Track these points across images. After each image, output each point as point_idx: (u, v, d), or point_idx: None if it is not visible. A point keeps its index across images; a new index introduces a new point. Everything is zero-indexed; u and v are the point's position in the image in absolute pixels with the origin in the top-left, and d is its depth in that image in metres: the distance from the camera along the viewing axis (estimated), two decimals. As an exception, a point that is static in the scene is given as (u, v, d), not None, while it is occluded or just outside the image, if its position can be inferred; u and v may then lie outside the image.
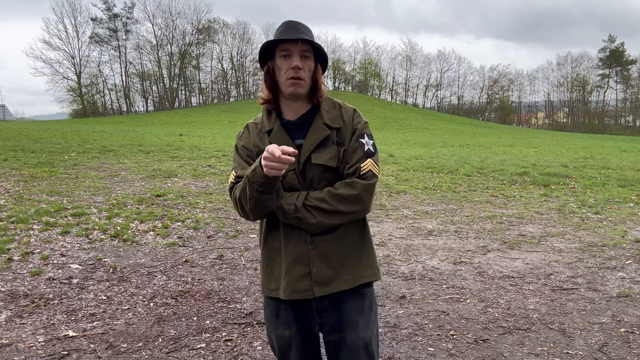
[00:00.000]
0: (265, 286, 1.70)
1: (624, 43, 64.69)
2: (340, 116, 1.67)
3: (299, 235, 1.60)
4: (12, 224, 5.65)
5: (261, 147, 1.64)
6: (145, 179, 9.11)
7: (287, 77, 1.57)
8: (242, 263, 4.75)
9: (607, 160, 14.98)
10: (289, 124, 1.66)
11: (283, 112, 1.68)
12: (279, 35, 1.59)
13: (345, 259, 1.64)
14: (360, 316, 1.66)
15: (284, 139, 1.63)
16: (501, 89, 70.45)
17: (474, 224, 6.58)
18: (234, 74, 67.19)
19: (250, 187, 1.51)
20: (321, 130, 1.63)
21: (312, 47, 1.60)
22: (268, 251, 1.70)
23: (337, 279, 1.62)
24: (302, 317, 1.67)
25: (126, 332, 3.24)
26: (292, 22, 1.62)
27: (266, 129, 1.66)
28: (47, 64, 65.49)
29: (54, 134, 18.12)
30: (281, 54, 1.59)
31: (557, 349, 3.10)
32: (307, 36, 1.59)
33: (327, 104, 1.69)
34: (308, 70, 1.60)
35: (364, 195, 1.60)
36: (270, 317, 1.72)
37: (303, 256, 1.60)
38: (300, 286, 1.60)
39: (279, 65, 1.60)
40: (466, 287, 4.20)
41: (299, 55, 1.57)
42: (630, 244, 5.59)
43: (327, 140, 1.63)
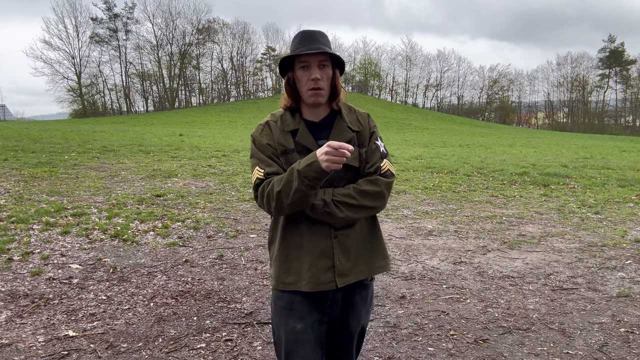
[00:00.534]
0: (280, 280, 1.75)
1: (624, 43, 64.73)
2: (357, 120, 1.81)
3: (322, 231, 1.70)
4: (12, 224, 5.65)
5: (286, 145, 1.72)
6: (145, 179, 9.11)
7: (308, 89, 1.68)
8: (242, 263, 4.75)
9: (607, 160, 14.99)
10: (312, 124, 1.76)
11: (304, 114, 1.78)
12: (296, 47, 1.68)
13: (362, 251, 1.77)
14: (364, 306, 1.84)
15: (309, 138, 1.73)
16: (501, 89, 70.46)
17: (474, 224, 6.58)
18: (234, 74, 67.20)
19: (301, 181, 1.58)
20: (346, 132, 1.75)
21: (329, 55, 1.69)
22: (286, 246, 1.75)
23: (354, 270, 1.74)
24: (316, 310, 1.75)
25: (126, 332, 3.24)
26: (307, 33, 1.71)
27: (290, 128, 1.74)
28: (47, 64, 65.56)
29: (54, 134, 18.13)
30: (300, 65, 1.68)
31: (557, 349, 3.10)
32: (323, 45, 1.68)
33: (344, 109, 1.81)
34: (327, 78, 1.70)
35: (385, 192, 1.75)
36: (282, 310, 1.76)
37: (327, 250, 1.70)
38: (324, 278, 1.70)
39: (299, 77, 1.70)
40: (466, 287, 4.20)
41: (317, 66, 1.67)
42: (630, 244, 5.59)
43: (350, 141, 1.73)
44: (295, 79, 1.72)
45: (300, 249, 1.72)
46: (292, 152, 1.72)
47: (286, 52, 2.02)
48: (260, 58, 68.44)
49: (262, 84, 70.51)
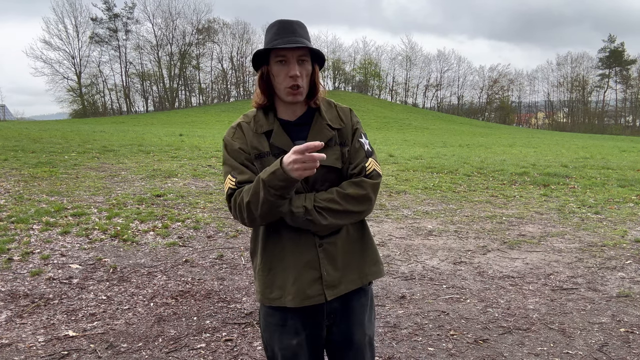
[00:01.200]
0: (265, 296, 1.63)
1: (624, 43, 64.78)
2: (339, 116, 1.66)
3: (306, 240, 1.56)
4: (12, 224, 5.65)
5: (260, 148, 1.58)
6: (145, 179, 9.11)
7: (286, 86, 1.53)
8: (242, 263, 4.75)
9: (607, 160, 14.99)
10: (288, 124, 1.61)
11: (279, 112, 1.63)
12: (272, 38, 1.52)
13: (350, 259, 1.63)
14: (365, 313, 1.70)
15: (285, 140, 1.58)
16: (501, 89, 70.52)
17: (474, 224, 6.58)
18: (233, 74, 67.24)
19: (266, 191, 1.44)
20: (325, 131, 1.60)
21: (309, 49, 1.54)
22: (268, 258, 1.62)
23: (344, 280, 1.61)
24: (311, 324, 1.63)
25: (126, 332, 3.24)
26: (285, 23, 1.53)
27: (264, 129, 1.59)
28: (47, 64, 65.69)
29: (54, 134, 18.13)
30: (277, 59, 1.52)
31: (557, 349, 3.10)
32: (303, 38, 1.53)
33: (323, 104, 1.66)
34: (306, 75, 1.55)
35: (372, 194, 1.60)
36: (274, 327, 1.65)
37: (313, 261, 1.57)
38: (312, 291, 1.56)
39: (275, 72, 1.54)
40: (466, 287, 4.20)
41: (296, 61, 1.52)
42: (630, 244, 5.59)
43: (331, 141, 1.60)
44: (270, 74, 1.55)
45: (283, 261, 1.59)
46: (267, 155, 1.58)
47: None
48: (260, 58, 68.36)
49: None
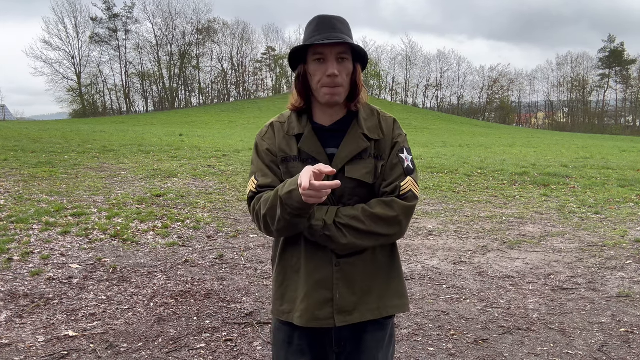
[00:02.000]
0: (276, 308, 1.53)
1: (623, 43, 64.77)
2: (379, 126, 1.50)
3: (323, 256, 1.44)
4: (12, 224, 5.65)
5: (287, 152, 1.48)
6: (145, 179, 9.11)
7: (322, 85, 1.40)
8: (242, 263, 4.75)
9: (607, 160, 14.99)
10: (321, 129, 1.48)
11: (315, 115, 1.50)
12: (311, 35, 1.40)
13: (372, 286, 1.47)
14: (380, 350, 1.53)
15: (315, 146, 1.46)
16: (501, 89, 70.50)
17: (474, 224, 6.58)
18: (233, 74, 67.25)
19: (283, 210, 1.34)
20: (359, 141, 1.46)
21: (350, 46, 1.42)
22: (282, 269, 1.51)
23: (360, 307, 1.46)
24: (318, 346, 1.51)
25: (126, 332, 3.24)
26: (324, 19, 1.42)
27: (295, 132, 1.48)
28: (47, 64, 65.70)
29: (54, 134, 18.13)
30: (314, 57, 1.40)
31: (557, 349, 3.10)
32: (344, 34, 1.40)
33: (365, 111, 1.51)
34: (346, 74, 1.42)
35: (402, 218, 1.43)
36: (281, 343, 1.55)
37: (326, 280, 1.44)
38: (321, 313, 1.43)
39: (312, 71, 1.42)
40: (466, 287, 4.20)
41: (335, 59, 1.39)
42: (630, 244, 5.59)
43: (365, 152, 1.46)
44: (308, 73, 1.44)
45: (297, 273, 1.47)
46: (293, 160, 1.46)
47: (297, 42, 1.75)
48: (260, 58, 68.56)
49: (262, 84, 70.53)
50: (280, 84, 70.62)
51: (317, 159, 1.45)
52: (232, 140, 20.43)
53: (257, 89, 70.21)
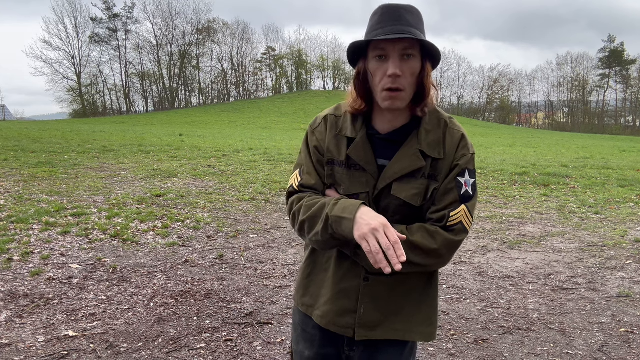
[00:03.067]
0: (299, 297, 1.48)
1: (623, 43, 64.80)
2: (442, 141, 1.32)
3: (353, 266, 1.35)
4: (12, 224, 5.65)
5: (335, 155, 1.35)
6: (145, 179, 9.11)
7: (383, 88, 1.23)
8: (242, 263, 4.75)
9: (607, 160, 14.99)
10: (376, 135, 1.34)
11: (374, 119, 1.35)
12: (374, 28, 1.23)
13: (401, 306, 1.37)
14: None
15: (366, 155, 1.32)
16: (501, 89, 70.54)
17: (474, 224, 6.58)
18: (233, 74, 67.26)
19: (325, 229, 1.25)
20: (414, 159, 1.29)
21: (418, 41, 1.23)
22: (312, 263, 1.45)
23: (384, 325, 1.36)
24: (330, 343, 1.44)
25: (126, 332, 3.24)
26: (390, 8, 1.23)
27: (347, 134, 1.35)
28: (48, 64, 65.81)
29: (54, 134, 18.13)
30: (375, 53, 1.23)
31: (557, 349, 3.10)
32: (412, 27, 1.21)
33: (430, 121, 1.33)
34: (411, 74, 1.23)
35: (444, 251, 1.29)
36: (297, 326, 1.52)
37: (352, 291, 1.36)
38: (342, 321, 1.37)
39: (373, 70, 1.25)
40: (466, 287, 4.20)
41: (399, 56, 1.21)
42: (630, 244, 5.59)
43: (418, 172, 1.30)
44: (368, 71, 1.27)
45: (325, 272, 1.41)
46: (340, 165, 1.35)
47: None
48: (260, 58, 68.55)
49: (262, 84, 70.56)
50: (280, 84, 70.67)
51: (366, 169, 1.33)
52: (232, 140, 20.43)
53: (257, 89, 70.26)
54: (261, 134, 27.24)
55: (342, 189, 1.35)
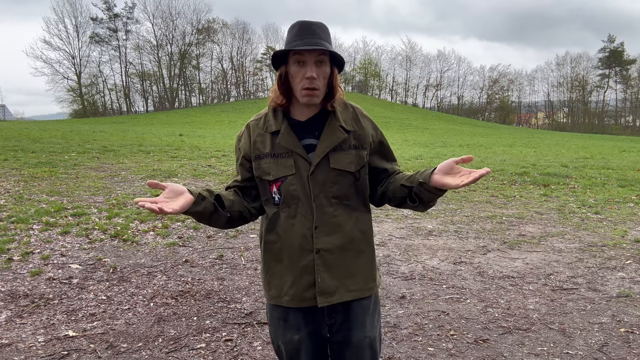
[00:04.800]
0: (267, 294, 1.68)
1: (623, 43, 64.74)
2: (355, 118, 1.66)
3: (302, 246, 1.58)
4: (12, 224, 5.65)
5: (262, 149, 1.61)
6: (145, 179, 9.11)
7: (302, 87, 1.53)
8: (242, 263, 4.75)
9: (607, 160, 14.99)
10: (298, 124, 1.62)
11: (292, 112, 1.64)
12: (292, 40, 1.53)
13: (352, 270, 1.62)
14: (367, 315, 1.68)
15: (292, 139, 1.59)
16: (501, 89, 70.49)
17: (474, 224, 6.58)
18: (233, 74, 67.22)
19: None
20: (338, 132, 1.60)
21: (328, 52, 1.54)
22: (267, 260, 1.67)
23: (340, 290, 1.61)
24: (312, 320, 1.64)
25: (126, 332, 3.24)
26: (305, 25, 1.54)
27: (272, 129, 1.61)
28: (48, 64, 65.74)
29: (54, 134, 18.13)
30: (295, 59, 1.53)
31: (557, 349, 3.10)
32: (323, 39, 1.53)
33: (339, 105, 1.65)
34: (323, 77, 1.55)
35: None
36: (277, 322, 1.68)
37: (309, 266, 1.59)
38: (307, 295, 1.59)
39: (293, 73, 1.55)
40: (466, 287, 4.20)
41: (314, 63, 1.52)
42: (630, 244, 5.59)
43: (344, 143, 1.60)
44: (289, 74, 1.56)
45: (280, 263, 1.62)
46: (265, 157, 1.60)
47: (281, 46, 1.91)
48: (260, 58, 68.49)
49: (262, 84, 70.51)
50: (280, 84, 70.45)
51: (295, 151, 1.58)
52: (232, 140, 20.42)
53: (257, 89, 70.17)
54: (261, 134, 27.16)
55: (270, 176, 1.59)
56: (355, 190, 1.63)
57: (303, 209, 1.57)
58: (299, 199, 1.57)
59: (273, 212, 1.62)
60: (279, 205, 1.60)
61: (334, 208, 1.58)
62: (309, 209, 1.57)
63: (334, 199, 1.59)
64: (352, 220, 1.62)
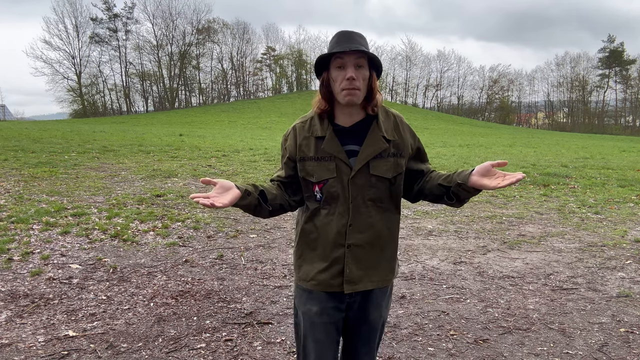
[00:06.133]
0: (296, 275, 1.83)
1: (623, 43, 64.72)
2: (396, 127, 1.77)
3: (337, 240, 1.71)
4: (12, 224, 5.65)
5: (306, 152, 1.72)
6: (145, 179, 9.11)
7: (342, 88, 1.63)
8: (242, 263, 4.75)
9: (607, 160, 14.99)
10: (342, 130, 1.72)
11: (336, 117, 1.74)
12: (333, 47, 1.64)
13: (376, 262, 1.77)
14: (383, 299, 1.84)
15: (336, 146, 1.70)
16: (501, 89, 70.46)
17: (474, 224, 6.58)
18: (234, 74, 67.22)
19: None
20: (380, 143, 1.71)
21: (367, 56, 1.64)
22: (301, 245, 1.80)
23: (365, 279, 1.76)
24: (333, 298, 1.77)
25: (126, 332, 3.24)
26: (345, 33, 1.66)
27: (318, 134, 1.72)
28: (48, 64, 65.74)
29: (54, 134, 18.12)
30: (336, 64, 1.64)
31: (557, 349, 3.10)
32: (361, 45, 1.63)
33: (382, 114, 1.75)
34: (363, 79, 1.65)
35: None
36: (302, 292, 1.81)
37: (340, 258, 1.72)
38: (334, 282, 1.74)
39: (334, 77, 1.65)
40: (466, 287, 4.20)
41: (353, 65, 1.62)
42: (630, 244, 5.59)
43: (385, 152, 1.71)
44: (330, 79, 1.67)
45: (314, 251, 1.76)
46: (309, 159, 1.72)
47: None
48: (260, 58, 68.52)
49: (262, 84, 70.57)
50: (280, 84, 70.67)
51: (338, 156, 1.69)
52: (232, 140, 20.43)
53: (257, 89, 70.23)
54: (261, 134, 27.24)
55: (314, 178, 1.71)
56: (390, 194, 1.75)
57: (341, 208, 1.70)
58: (338, 199, 1.70)
59: (314, 207, 1.74)
60: (320, 202, 1.73)
61: (368, 209, 1.71)
62: (346, 209, 1.70)
63: (369, 201, 1.71)
64: (383, 220, 1.75)
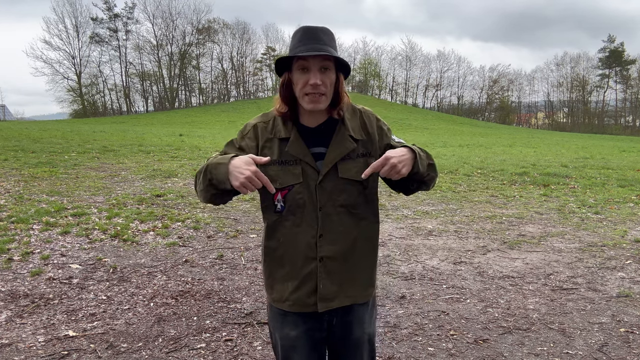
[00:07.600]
0: (269, 296, 1.67)
1: (623, 43, 64.73)
2: (363, 125, 1.61)
3: (306, 254, 1.56)
4: (12, 224, 5.65)
5: (268, 155, 1.54)
6: (145, 179, 9.11)
7: (306, 93, 1.48)
8: (242, 263, 4.75)
9: (607, 160, 14.99)
10: (307, 130, 1.57)
11: (300, 118, 1.58)
12: (296, 45, 1.47)
13: (352, 275, 1.62)
14: (366, 312, 1.69)
15: (301, 148, 1.54)
16: (501, 89, 70.47)
17: (474, 224, 6.58)
18: (234, 74, 67.21)
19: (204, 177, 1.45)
20: (347, 142, 1.56)
21: (333, 57, 1.48)
22: (269, 264, 1.64)
23: (340, 295, 1.61)
24: (310, 319, 1.63)
25: (126, 332, 3.24)
26: (309, 30, 1.48)
27: (281, 135, 1.55)
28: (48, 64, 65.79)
29: (54, 134, 18.13)
30: (298, 66, 1.47)
31: (557, 349, 3.10)
32: (327, 45, 1.47)
33: (348, 112, 1.61)
34: (329, 84, 1.49)
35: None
36: (276, 315, 1.67)
37: (312, 273, 1.57)
38: (309, 301, 1.59)
39: (296, 80, 1.49)
40: (466, 287, 4.20)
41: (318, 69, 1.46)
42: (630, 244, 5.59)
43: (353, 153, 1.56)
44: (291, 81, 1.50)
45: (282, 268, 1.60)
46: (273, 163, 1.54)
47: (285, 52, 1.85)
48: (260, 58, 68.49)
49: (262, 84, 70.54)
50: (280, 84, 70.45)
51: (304, 160, 1.54)
52: (232, 140, 20.38)
53: (257, 89, 70.20)
54: (261, 134, 27.17)
55: (277, 183, 1.53)
56: (365, 199, 1.60)
57: (309, 217, 1.54)
58: (304, 207, 1.54)
59: (274, 220, 1.58)
60: (281, 212, 1.56)
61: (340, 217, 1.56)
62: (314, 217, 1.54)
63: (340, 207, 1.56)
64: (358, 228, 1.59)
